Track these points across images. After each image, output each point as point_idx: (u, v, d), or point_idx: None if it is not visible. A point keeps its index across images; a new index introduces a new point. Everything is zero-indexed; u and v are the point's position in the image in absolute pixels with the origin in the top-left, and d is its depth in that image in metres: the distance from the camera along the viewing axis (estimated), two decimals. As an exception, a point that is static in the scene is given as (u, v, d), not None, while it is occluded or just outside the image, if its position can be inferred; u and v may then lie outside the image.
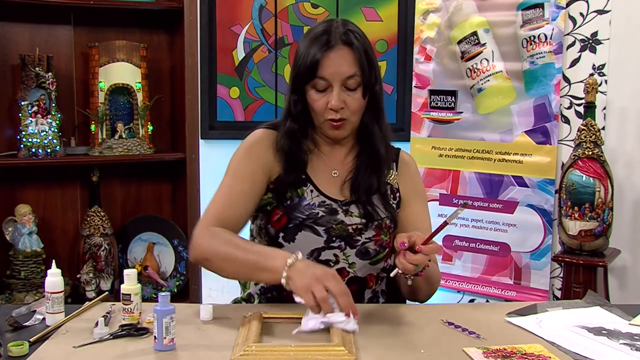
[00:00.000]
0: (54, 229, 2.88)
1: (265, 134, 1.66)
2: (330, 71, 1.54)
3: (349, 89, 1.55)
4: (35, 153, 2.65)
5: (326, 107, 1.55)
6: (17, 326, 1.37)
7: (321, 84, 1.55)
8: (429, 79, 2.92)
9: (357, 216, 1.61)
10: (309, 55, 1.54)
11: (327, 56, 1.53)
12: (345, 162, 1.67)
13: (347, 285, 1.54)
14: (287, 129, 1.62)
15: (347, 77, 1.54)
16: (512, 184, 2.75)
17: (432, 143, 2.92)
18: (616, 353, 1.27)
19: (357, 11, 3.17)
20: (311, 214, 1.58)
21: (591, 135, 2.43)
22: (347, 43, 1.55)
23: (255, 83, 3.18)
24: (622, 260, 2.62)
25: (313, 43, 1.55)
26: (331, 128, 1.58)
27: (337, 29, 1.56)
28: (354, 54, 1.55)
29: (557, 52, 2.63)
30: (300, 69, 1.57)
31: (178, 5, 2.84)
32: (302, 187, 1.61)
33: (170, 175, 3.04)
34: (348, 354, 1.21)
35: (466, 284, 2.86)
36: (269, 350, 1.23)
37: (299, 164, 1.62)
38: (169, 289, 2.85)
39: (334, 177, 1.65)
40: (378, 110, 1.63)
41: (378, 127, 1.64)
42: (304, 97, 1.59)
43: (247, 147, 1.65)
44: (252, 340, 1.25)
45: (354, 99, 1.56)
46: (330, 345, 1.24)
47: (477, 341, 1.32)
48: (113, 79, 2.79)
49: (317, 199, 1.60)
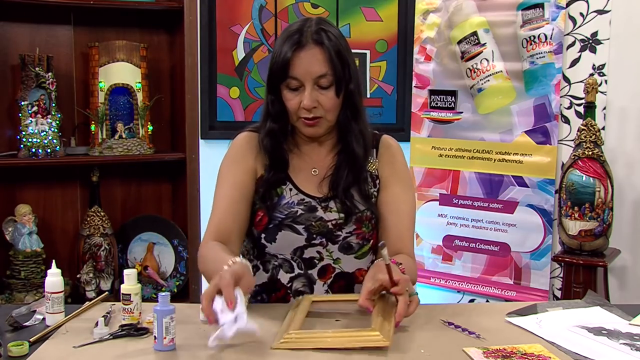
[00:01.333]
0: (54, 229, 2.88)
1: (247, 138, 1.68)
2: (301, 71, 1.54)
3: (321, 87, 1.56)
4: (35, 153, 2.65)
5: (299, 106, 1.56)
6: (17, 326, 1.38)
7: (293, 83, 1.56)
8: (429, 79, 2.92)
9: (335, 211, 1.61)
10: (280, 54, 1.55)
11: (298, 56, 1.54)
12: (325, 160, 1.67)
13: (335, 281, 1.59)
14: (268, 129, 1.63)
15: (318, 77, 1.54)
16: (512, 184, 2.75)
17: (432, 143, 2.92)
18: (616, 353, 1.27)
19: (357, 11, 3.16)
20: (290, 213, 1.59)
21: (591, 135, 2.43)
22: (318, 42, 1.55)
23: (255, 83, 3.18)
24: (622, 260, 2.62)
25: (285, 42, 1.56)
26: (305, 126, 1.59)
27: (310, 27, 1.56)
28: (325, 53, 1.55)
29: (557, 52, 2.63)
30: (274, 68, 1.57)
31: (178, 5, 2.84)
32: (281, 186, 1.62)
33: (170, 175, 3.04)
34: (383, 338, 1.24)
35: (466, 284, 2.86)
36: (308, 337, 1.27)
37: (281, 163, 1.63)
38: (169, 289, 2.85)
39: (314, 175, 1.65)
40: (354, 108, 1.62)
41: (355, 125, 1.63)
42: (280, 96, 1.59)
43: (232, 154, 1.67)
44: (293, 328, 1.30)
45: (327, 98, 1.56)
46: (366, 330, 1.27)
47: (477, 341, 1.32)
48: (113, 79, 2.79)
49: (296, 197, 1.61)
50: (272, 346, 1.26)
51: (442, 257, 2.90)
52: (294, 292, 1.62)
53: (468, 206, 2.84)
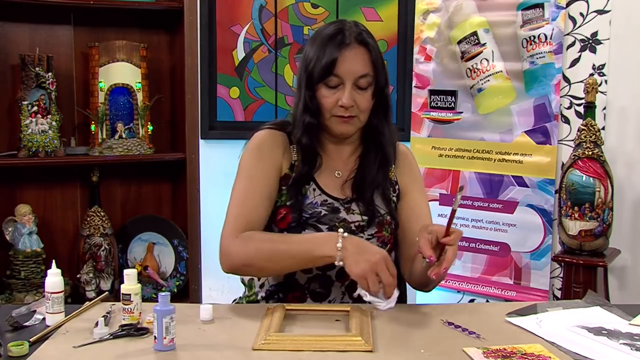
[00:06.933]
0: (54, 229, 2.88)
1: (272, 134, 1.67)
2: (344, 69, 1.55)
3: (360, 87, 1.57)
4: (35, 153, 2.65)
5: (335, 104, 1.57)
6: (17, 326, 1.37)
7: (333, 81, 1.56)
8: (429, 79, 2.92)
9: (358, 213, 1.62)
10: (324, 54, 1.55)
11: (343, 54, 1.55)
12: (348, 162, 1.68)
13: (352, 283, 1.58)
14: (307, 123, 1.61)
15: (359, 76, 1.56)
16: (512, 184, 2.75)
17: (432, 143, 2.92)
18: (616, 353, 1.27)
19: (357, 11, 3.17)
20: (314, 213, 1.59)
21: (591, 135, 2.43)
22: (363, 43, 1.57)
23: (255, 83, 3.18)
24: (622, 260, 2.62)
25: (329, 42, 1.56)
26: (339, 123, 1.59)
27: (351, 28, 1.58)
28: (369, 53, 1.57)
29: (557, 52, 2.63)
30: (316, 67, 1.57)
31: (178, 5, 2.84)
32: (305, 186, 1.62)
33: (170, 175, 3.04)
34: (365, 344, 1.25)
35: (466, 284, 2.86)
36: (289, 339, 1.27)
37: (314, 159, 1.63)
38: (169, 289, 2.85)
39: (337, 177, 1.66)
40: (387, 111, 1.65)
41: (387, 127, 1.65)
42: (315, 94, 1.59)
43: (257, 148, 1.64)
44: (273, 329, 1.30)
45: (364, 98, 1.58)
46: (348, 335, 1.29)
47: (477, 341, 1.32)
48: (113, 79, 2.79)
49: (320, 197, 1.61)
50: (253, 347, 1.26)
51: (442, 257, 2.90)
52: (311, 292, 1.60)
53: (468, 206, 2.84)
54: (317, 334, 1.31)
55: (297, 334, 1.32)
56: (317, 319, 1.43)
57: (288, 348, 1.25)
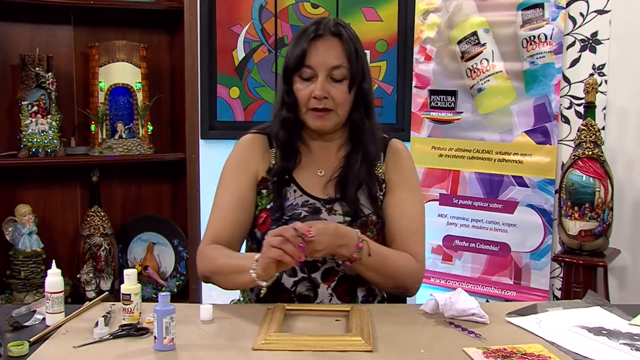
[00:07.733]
0: (54, 229, 2.88)
1: (251, 139, 1.68)
2: (316, 60, 1.54)
3: (334, 79, 1.55)
4: (35, 153, 2.65)
5: (310, 97, 1.55)
6: (17, 326, 1.37)
7: (307, 73, 1.55)
8: (429, 79, 2.92)
9: (340, 214, 1.59)
10: (297, 45, 1.55)
11: (314, 45, 1.55)
12: (332, 161, 1.66)
13: (338, 284, 1.57)
14: (283, 118, 1.61)
15: (332, 67, 1.55)
16: (512, 184, 2.75)
17: (432, 143, 2.92)
18: (616, 353, 1.27)
19: (357, 11, 3.17)
20: (294, 214, 1.58)
21: (591, 135, 2.43)
22: (336, 34, 1.56)
23: (255, 83, 3.18)
24: (622, 260, 2.62)
25: (303, 34, 1.57)
26: (314, 118, 1.57)
27: (328, 22, 1.58)
28: (342, 45, 1.56)
29: (557, 52, 2.63)
30: (289, 59, 1.57)
31: (178, 5, 2.83)
32: (285, 187, 1.61)
33: (170, 175, 3.04)
34: (365, 344, 1.25)
35: (466, 284, 2.85)
36: (289, 339, 1.28)
37: (293, 155, 1.63)
38: (169, 289, 2.85)
39: (319, 175, 1.64)
40: (368, 107, 1.62)
41: (368, 124, 1.63)
42: (292, 88, 1.59)
43: (235, 158, 1.67)
44: (273, 329, 1.30)
45: (339, 91, 1.56)
46: (348, 335, 1.29)
47: (477, 341, 1.32)
48: (113, 79, 2.79)
49: (300, 198, 1.60)
50: (253, 347, 1.26)
51: (442, 257, 2.90)
52: (298, 295, 1.59)
53: (468, 206, 2.84)
54: (317, 334, 1.31)
55: (297, 334, 1.32)
56: (317, 319, 1.43)
57: (288, 348, 1.25)
